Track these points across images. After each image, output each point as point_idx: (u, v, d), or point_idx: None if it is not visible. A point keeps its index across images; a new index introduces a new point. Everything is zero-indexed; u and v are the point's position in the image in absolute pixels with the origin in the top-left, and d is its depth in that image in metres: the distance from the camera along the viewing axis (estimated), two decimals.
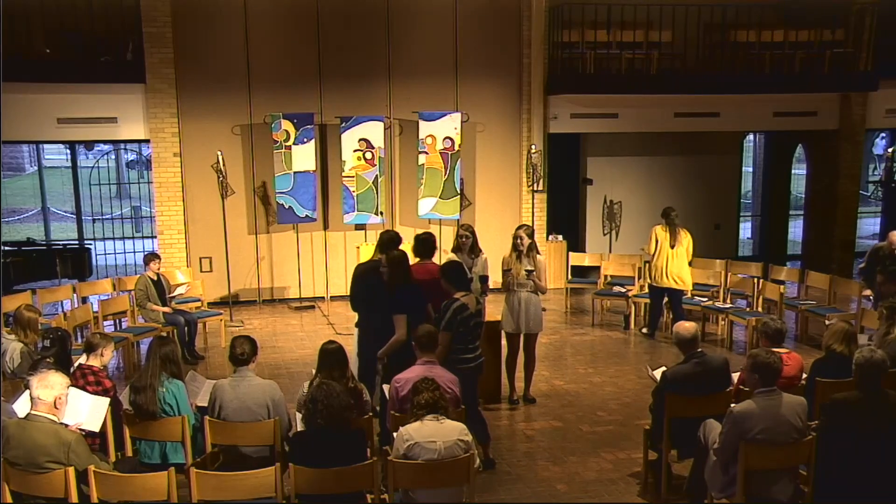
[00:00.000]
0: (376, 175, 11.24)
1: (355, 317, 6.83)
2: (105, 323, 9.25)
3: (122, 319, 9.57)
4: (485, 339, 6.83)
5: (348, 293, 7.12)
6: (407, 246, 7.02)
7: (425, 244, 6.91)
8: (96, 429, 5.07)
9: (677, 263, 9.36)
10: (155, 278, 9.11)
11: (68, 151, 14.10)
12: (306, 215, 11.16)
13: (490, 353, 7.15)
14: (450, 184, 11.48)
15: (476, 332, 6.02)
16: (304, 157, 11.05)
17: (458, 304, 5.86)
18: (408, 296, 6.13)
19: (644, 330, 9.91)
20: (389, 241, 6.81)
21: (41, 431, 4.39)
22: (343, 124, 11.11)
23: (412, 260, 6.70)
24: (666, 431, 5.42)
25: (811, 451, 4.67)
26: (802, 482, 4.85)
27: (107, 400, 5.21)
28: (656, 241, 9.44)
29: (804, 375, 5.84)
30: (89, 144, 14.22)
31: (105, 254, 13.29)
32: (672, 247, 9.34)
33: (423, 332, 5.51)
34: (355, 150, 11.16)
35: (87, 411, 5.04)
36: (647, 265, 9.90)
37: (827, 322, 8.34)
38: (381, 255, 6.63)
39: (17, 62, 9.99)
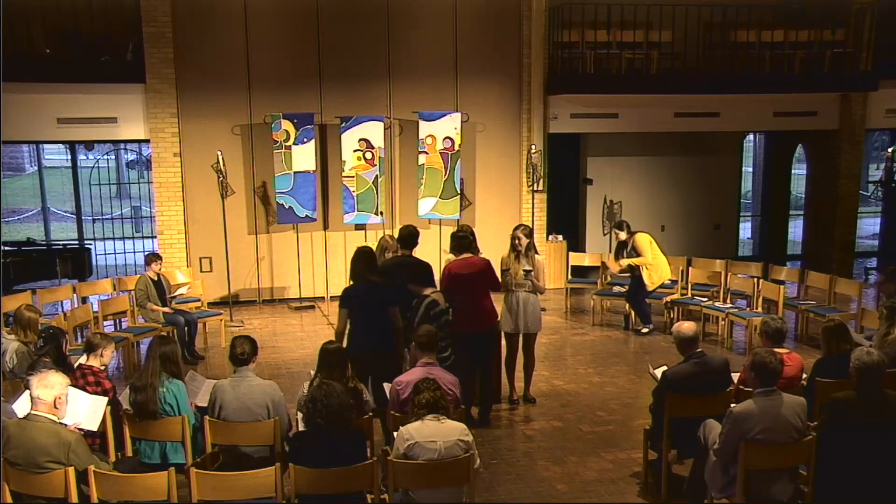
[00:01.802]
0: (376, 175, 11.24)
1: None
2: (105, 323, 9.25)
3: (122, 319, 9.57)
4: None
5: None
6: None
7: (462, 241, 6.99)
8: (94, 428, 5.07)
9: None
10: (155, 278, 9.11)
11: (68, 152, 14.11)
12: (306, 215, 11.16)
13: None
14: (450, 184, 11.48)
15: (446, 328, 6.01)
16: (304, 157, 11.05)
17: (428, 299, 5.90)
18: (355, 292, 6.22)
19: (644, 330, 9.91)
20: (409, 235, 6.91)
21: (41, 431, 4.38)
22: (343, 124, 11.11)
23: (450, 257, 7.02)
24: (666, 431, 5.41)
25: (811, 451, 4.67)
26: (802, 482, 4.85)
27: (105, 399, 5.21)
28: (650, 243, 9.81)
29: (804, 375, 5.84)
30: (89, 144, 14.21)
31: (105, 254, 13.30)
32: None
33: (423, 333, 5.53)
34: (355, 150, 11.16)
35: (85, 411, 5.03)
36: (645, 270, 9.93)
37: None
38: (404, 250, 6.90)
39: (17, 62, 9.99)
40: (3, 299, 8.23)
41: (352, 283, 6.43)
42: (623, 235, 9.85)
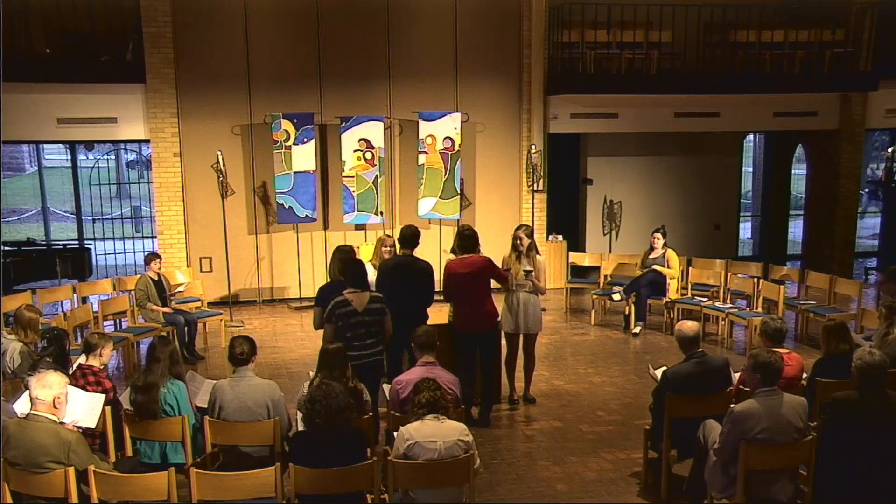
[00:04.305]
0: (376, 175, 11.24)
1: None
2: (105, 323, 9.25)
3: (122, 319, 9.57)
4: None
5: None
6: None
7: (469, 240, 7.00)
8: (93, 425, 5.07)
9: None
10: (156, 278, 9.11)
11: (68, 152, 14.11)
12: (306, 215, 11.16)
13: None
14: (450, 184, 11.48)
15: (359, 330, 5.98)
16: (304, 157, 11.05)
17: (339, 298, 5.95)
18: (327, 292, 6.38)
19: (636, 330, 9.91)
20: (410, 236, 6.95)
21: (41, 431, 4.38)
22: (343, 124, 11.12)
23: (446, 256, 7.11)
24: (666, 431, 5.41)
25: (811, 451, 4.67)
26: (802, 482, 4.85)
27: (102, 396, 5.20)
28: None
29: (804, 375, 5.84)
30: (89, 144, 14.21)
31: (105, 254, 13.31)
32: None
33: (421, 332, 5.53)
34: (355, 150, 11.17)
35: (82, 409, 5.03)
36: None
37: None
38: (405, 249, 6.93)
39: (17, 62, 10.00)
40: (3, 299, 8.23)
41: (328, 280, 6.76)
42: (660, 243, 9.97)
